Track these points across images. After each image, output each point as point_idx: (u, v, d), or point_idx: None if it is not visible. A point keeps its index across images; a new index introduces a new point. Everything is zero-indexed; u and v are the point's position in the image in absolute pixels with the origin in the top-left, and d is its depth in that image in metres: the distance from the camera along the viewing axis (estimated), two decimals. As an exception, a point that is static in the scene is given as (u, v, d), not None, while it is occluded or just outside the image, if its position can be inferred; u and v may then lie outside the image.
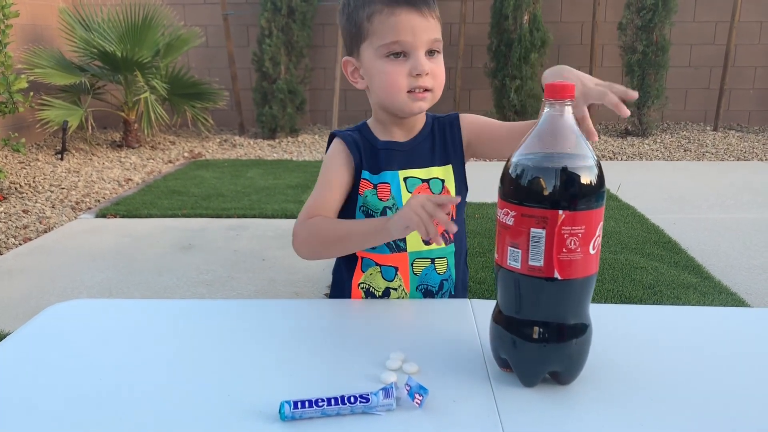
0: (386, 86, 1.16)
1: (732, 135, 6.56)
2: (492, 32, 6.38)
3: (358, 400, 0.73)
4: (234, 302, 1.14)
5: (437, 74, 1.17)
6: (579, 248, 0.74)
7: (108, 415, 0.75)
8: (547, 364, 0.80)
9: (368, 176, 1.20)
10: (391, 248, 1.20)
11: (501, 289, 0.82)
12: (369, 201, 1.20)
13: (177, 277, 3.02)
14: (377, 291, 1.21)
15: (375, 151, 1.22)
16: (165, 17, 6.08)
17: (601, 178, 0.76)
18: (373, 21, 1.14)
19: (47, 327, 1.02)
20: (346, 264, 1.24)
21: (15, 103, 4.38)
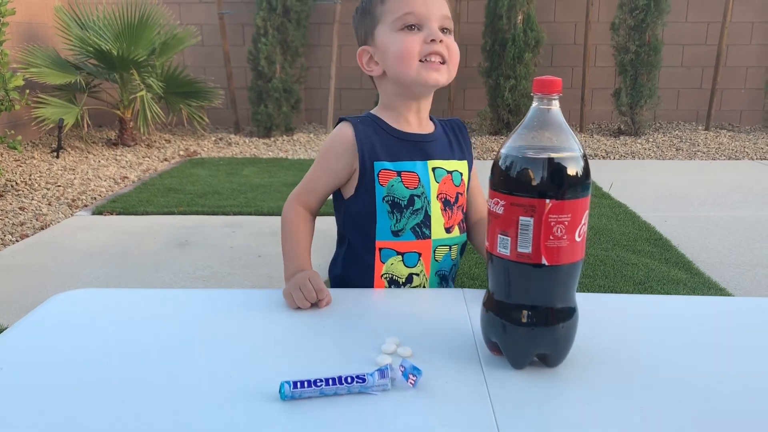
0: (400, 55, 1.19)
1: (723, 134, 6.62)
2: (486, 32, 6.43)
3: (355, 380, 0.77)
4: (236, 291, 1.17)
5: (451, 47, 1.21)
6: (565, 236, 0.78)
7: (114, 398, 0.78)
8: (535, 347, 0.83)
9: (389, 166, 1.22)
10: (417, 235, 1.23)
11: (491, 276, 0.85)
12: (395, 190, 1.22)
13: (173, 274, 3.05)
14: (400, 278, 1.25)
15: (392, 140, 1.24)
16: (161, 16, 6.10)
17: (586, 169, 0.79)
18: (386, 2, 1.20)
19: (53, 315, 1.05)
20: (361, 260, 1.26)
21: (11, 101, 4.40)
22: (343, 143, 1.23)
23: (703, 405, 0.77)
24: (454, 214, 1.27)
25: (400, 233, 1.23)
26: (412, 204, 1.22)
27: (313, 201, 1.28)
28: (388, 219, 1.22)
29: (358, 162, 1.22)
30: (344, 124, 1.26)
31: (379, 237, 1.23)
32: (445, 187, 1.25)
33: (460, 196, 1.28)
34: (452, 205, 1.26)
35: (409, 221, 1.23)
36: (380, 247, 1.24)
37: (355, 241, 1.28)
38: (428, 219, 1.23)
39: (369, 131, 1.24)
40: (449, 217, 1.26)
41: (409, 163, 1.23)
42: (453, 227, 1.27)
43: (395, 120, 1.26)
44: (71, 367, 0.86)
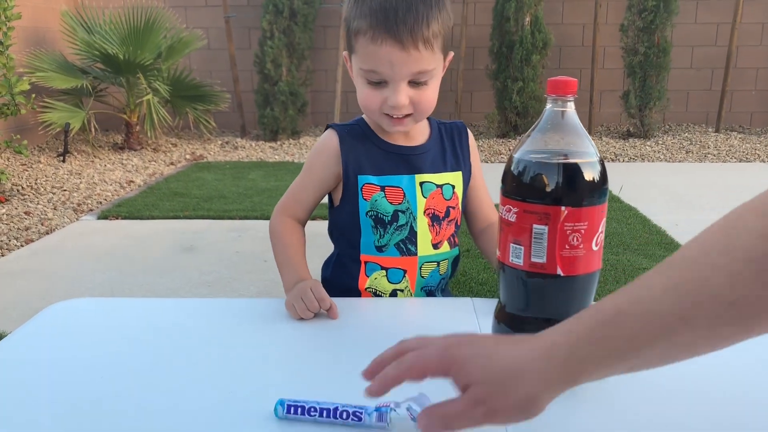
0: (363, 105, 1.15)
1: (734, 136, 6.55)
2: (493, 34, 6.39)
3: (351, 416, 0.72)
4: (234, 301, 1.14)
5: (419, 102, 1.12)
6: (582, 244, 0.74)
7: (107, 413, 0.75)
8: None
9: (373, 180, 1.18)
10: (402, 252, 1.19)
11: (504, 287, 0.81)
12: (378, 205, 1.18)
13: (179, 279, 3.02)
14: (384, 293, 1.21)
15: (379, 153, 1.20)
16: (167, 20, 6.09)
17: (603, 174, 0.76)
18: (358, 39, 1.09)
19: (48, 325, 1.02)
20: (347, 271, 1.23)
21: (17, 105, 4.39)
22: (328, 153, 1.20)
23: (726, 417, 0.72)
24: (443, 229, 1.22)
25: (384, 249, 1.19)
26: (396, 220, 1.18)
27: (300, 211, 1.25)
28: (372, 234, 1.19)
29: (342, 175, 1.19)
30: (330, 133, 1.22)
31: (363, 250, 1.20)
32: (433, 202, 1.20)
33: (452, 210, 1.22)
34: (441, 220, 1.21)
35: (393, 237, 1.19)
36: (365, 260, 1.21)
37: (342, 250, 1.26)
38: (414, 235, 1.19)
39: (355, 142, 1.20)
40: (437, 233, 1.21)
41: (394, 177, 1.18)
42: (441, 243, 1.22)
43: (382, 130, 1.21)
44: (63, 381, 0.82)
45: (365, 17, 1.07)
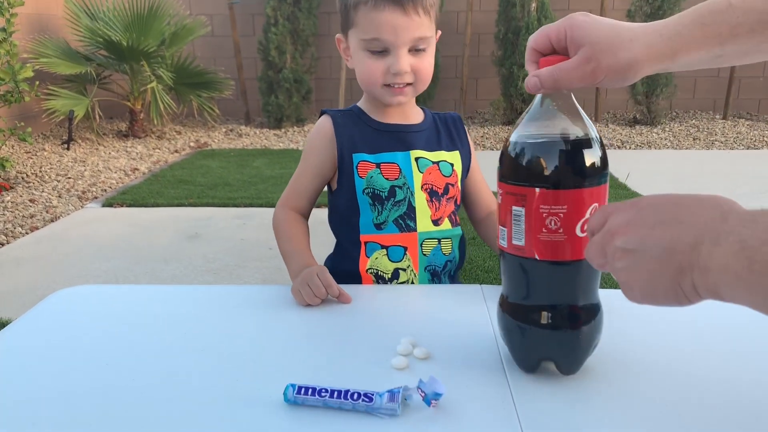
0: (364, 78, 1.17)
1: (742, 123, 6.50)
2: (499, 20, 6.33)
3: (362, 397, 0.71)
4: (239, 288, 1.13)
5: (420, 70, 1.15)
6: (561, 229, 0.71)
7: (112, 400, 0.74)
8: (536, 351, 0.77)
9: (368, 157, 1.19)
10: (401, 228, 1.19)
11: (501, 271, 0.80)
12: (375, 181, 1.18)
13: (184, 266, 3.01)
14: (386, 274, 1.20)
15: (372, 131, 1.21)
16: (170, 6, 6.06)
17: (586, 155, 0.71)
18: (358, 11, 1.14)
19: (51, 313, 1.01)
20: (348, 255, 1.22)
21: (21, 93, 4.37)
22: (323, 137, 1.22)
23: (736, 409, 0.71)
24: (443, 205, 1.22)
25: (383, 226, 1.19)
26: (393, 195, 1.18)
27: (302, 203, 1.26)
28: (370, 212, 1.19)
29: (336, 155, 1.20)
30: (324, 118, 1.24)
31: (363, 231, 1.20)
32: (430, 178, 1.20)
33: (451, 187, 1.23)
34: (440, 196, 1.21)
35: (392, 213, 1.19)
36: (365, 240, 1.20)
37: (342, 235, 1.26)
38: (412, 210, 1.19)
39: (348, 123, 1.22)
40: (437, 209, 1.21)
41: (388, 154, 1.19)
42: (442, 219, 1.22)
43: (377, 111, 1.23)
44: (67, 368, 0.81)
45: None
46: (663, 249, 0.54)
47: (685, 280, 0.53)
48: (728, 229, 0.50)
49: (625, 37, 0.68)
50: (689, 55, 0.68)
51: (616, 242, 0.58)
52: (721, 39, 0.67)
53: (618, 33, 0.69)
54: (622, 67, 0.69)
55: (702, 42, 0.67)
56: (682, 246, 0.53)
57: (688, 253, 0.52)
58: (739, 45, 0.67)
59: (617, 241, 0.58)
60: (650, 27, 0.69)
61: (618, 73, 0.69)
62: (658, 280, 0.55)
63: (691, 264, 0.52)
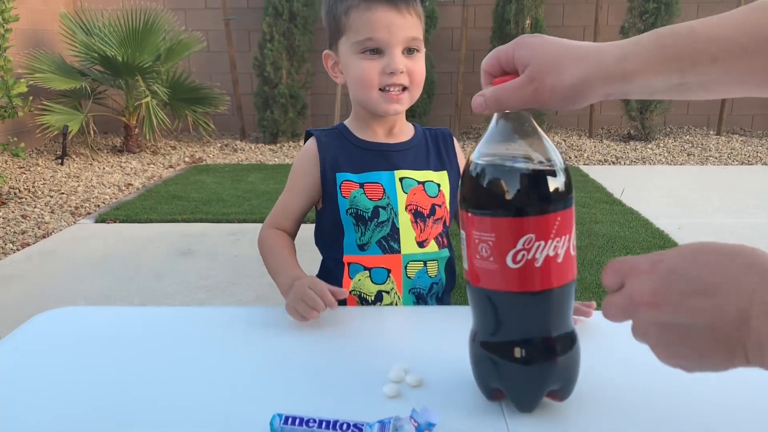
0: (359, 83, 1.15)
1: (735, 139, 6.52)
2: (494, 37, 6.35)
3: (351, 428, 0.68)
4: (228, 309, 1.10)
5: (414, 72, 1.14)
6: (491, 257, 0.67)
7: (92, 428, 0.71)
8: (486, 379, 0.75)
9: (351, 177, 1.17)
10: (384, 250, 1.17)
11: None
12: (358, 201, 1.16)
13: (176, 283, 2.98)
14: (369, 296, 1.17)
15: (356, 150, 1.19)
16: (166, 22, 6.06)
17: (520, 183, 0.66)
18: (349, 16, 1.13)
19: (34, 336, 0.98)
20: (331, 274, 1.20)
21: (14, 108, 4.36)
22: (307, 158, 1.21)
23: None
24: (429, 227, 1.19)
25: (366, 247, 1.17)
26: (377, 216, 1.16)
27: (288, 224, 1.23)
28: (354, 232, 1.17)
29: (320, 175, 1.18)
30: (310, 139, 1.23)
31: (346, 251, 1.18)
32: (415, 198, 1.18)
33: (438, 208, 1.19)
34: (425, 218, 1.18)
35: (375, 234, 1.16)
36: (348, 261, 1.18)
37: (327, 254, 1.24)
38: (396, 232, 1.16)
39: (333, 143, 1.20)
40: (422, 230, 1.18)
41: (372, 173, 1.17)
42: (427, 241, 1.19)
43: (362, 130, 1.22)
44: (48, 393, 0.79)
45: None
46: (705, 325, 0.51)
47: (737, 356, 0.50)
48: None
49: (572, 56, 0.65)
50: (645, 79, 0.63)
51: (643, 316, 0.54)
52: (682, 65, 0.63)
53: (565, 52, 0.65)
54: (568, 87, 0.64)
55: (660, 66, 0.63)
56: (728, 321, 0.49)
57: (736, 329, 0.49)
58: (700, 74, 0.63)
59: (645, 314, 0.54)
60: (604, 46, 0.65)
61: (563, 93, 0.65)
62: (708, 358, 0.52)
63: (742, 340, 0.49)
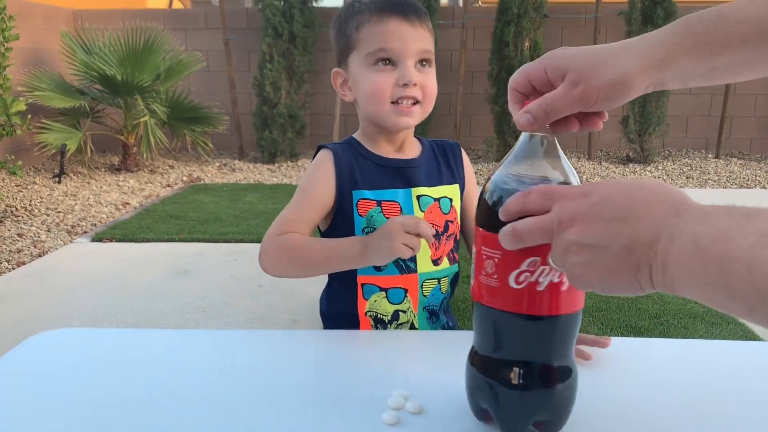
0: (371, 95, 1.12)
1: (734, 162, 6.53)
2: (492, 59, 6.38)
3: None
4: (225, 332, 1.08)
5: (427, 86, 1.12)
6: (495, 275, 0.67)
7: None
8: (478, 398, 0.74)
9: (368, 195, 1.14)
10: (401, 269, 1.14)
11: None
12: (375, 221, 1.13)
13: (172, 303, 2.95)
14: (385, 316, 1.15)
15: (372, 166, 1.16)
16: (166, 42, 6.09)
17: None
18: (361, 30, 1.12)
19: (28, 357, 0.96)
20: (342, 295, 1.18)
21: (13, 126, 4.35)
22: (325, 169, 1.15)
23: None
24: (443, 244, 1.17)
25: (383, 267, 1.13)
26: None
27: (301, 230, 1.13)
28: None
29: (335, 191, 1.14)
30: (324, 151, 1.17)
31: (360, 272, 1.14)
32: (431, 216, 1.16)
33: (450, 224, 1.18)
34: (440, 235, 1.16)
35: None
36: (362, 282, 1.15)
37: (334, 276, 1.20)
38: None
39: (349, 158, 1.16)
40: (437, 248, 1.16)
41: (390, 191, 1.14)
42: (441, 258, 1.17)
43: (374, 145, 1.19)
44: (40, 418, 0.76)
45: (367, 8, 1.12)
46: (622, 246, 0.54)
47: (642, 276, 0.54)
48: (683, 226, 0.52)
49: (609, 54, 0.66)
50: (679, 65, 0.65)
51: (569, 236, 0.57)
52: (713, 49, 0.64)
53: (599, 52, 0.66)
54: (614, 84, 0.65)
55: (694, 51, 0.64)
56: (641, 243, 0.53)
57: (646, 251, 0.53)
58: (731, 57, 0.65)
59: (571, 234, 0.57)
60: (634, 41, 0.66)
61: (611, 90, 0.65)
62: (617, 275, 0.55)
63: (649, 261, 0.53)
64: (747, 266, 0.46)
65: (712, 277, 0.48)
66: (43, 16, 6.42)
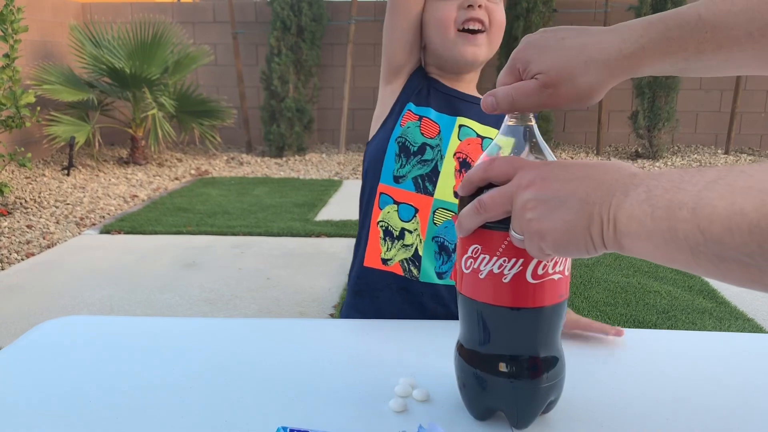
0: (437, 23, 1.11)
1: (744, 159, 6.50)
2: (501, 53, 6.35)
3: None
4: (234, 321, 1.08)
5: (494, 12, 1.11)
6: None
7: (92, 442, 0.69)
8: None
9: (413, 108, 1.14)
10: (418, 188, 1.13)
11: None
12: (409, 132, 1.13)
13: (180, 295, 2.97)
14: (395, 230, 1.14)
15: (429, 89, 1.16)
16: (175, 35, 6.10)
17: None
18: None
19: (37, 344, 0.96)
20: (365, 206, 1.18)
21: (22, 118, 4.37)
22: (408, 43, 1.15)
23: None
24: None
25: (401, 180, 1.13)
26: (422, 153, 1.12)
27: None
28: (394, 162, 1.13)
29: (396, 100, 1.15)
30: None
31: (382, 179, 1.14)
32: (468, 148, 1.13)
33: None
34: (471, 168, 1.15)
35: (414, 170, 1.13)
36: (381, 191, 1.14)
37: (365, 181, 1.20)
38: (436, 174, 1.12)
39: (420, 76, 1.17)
40: None
41: (434, 112, 1.14)
42: None
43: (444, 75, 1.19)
44: (49, 403, 0.77)
45: None
46: (578, 200, 0.55)
47: (594, 231, 0.55)
48: (637, 182, 0.53)
49: (579, 63, 0.65)
50: (654, 66, 0.66)
51: (526, 195, 0.58)
52: (687, 54, 0.64)
53: (569, 60, 0.65)
54: (581, 95, 0.66)
55: (668, 55, 0.64)
56: (595, 198, 0.54)
57: (600, 205, 0.54)
58: (704, 60, 0.65)
59: (528, 193, 0.58)
60: (609, 41, 0.65)
61: (577, 99, 0.66)
62: (571, 230, 0.56)
63: (601, 215, 0.54)
64: (692, 209, 0.47)
65: (658, 223, 0.49)
66: (53, 8, 6.43)
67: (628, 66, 0.64)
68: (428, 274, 1.13)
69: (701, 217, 0.46)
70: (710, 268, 0.47)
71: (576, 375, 0.81)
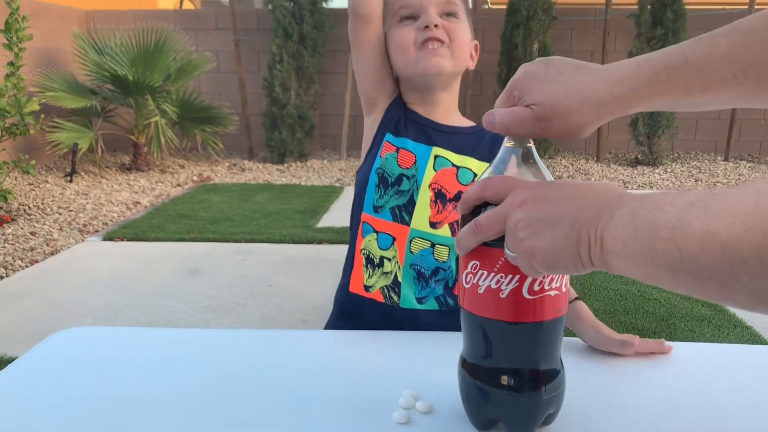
0: (398, 48, 1.15)
1: (743, 165, 6.52)
2: (502, 60, 6.40)
3: None
4: (237, 332, 1.10)
5: (454, 31, 1.13)
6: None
7: (107, 452, 0.72)
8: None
9: (391, 139, 1.18)
10: (395, 218, 1.16)
11: None
12: (388, 164, 1.16)
13: (183, 302, 2.99)
14: (375, 258, 1.17)
15: (406, 119, 1.19)
16: (177, 42, 6.13)
17: None
18: (388, 1, 1.16)
19: (47, 357, 0.99)
20: (352, 232, 1.22)
21: (26, 125, 4.40)
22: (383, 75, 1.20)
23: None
24: (447, 210, 1.17)
25: (380, 210, 1.17)
26: (399, 183, 1.16)
27: None
28: (374, 192, 1.17)
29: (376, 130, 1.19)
30: None
31: (365, 209, 1.18)
32: (442, 179, 1.16)
33: None
34: (446, 201, 1.16)
35: (391, 200, 1.16)
36: (363, 220, 1.18)
37: (353, 215, 1.24)
38: (412, 205, 1.16)
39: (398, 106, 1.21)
40: (438, 212, 1.16)
41: (411, 142, 1.17)
42: (441, 224, 1.16)
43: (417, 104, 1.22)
44: (63, 413, 0.79)
45: None
46: (568, 220, 0.58)
47: (583, 250, 0.57)
48: (623, 203, 0.55)
49: (573, 102, 0.67)
50: (641, 107, 0.68)
51: (518, 214, 0.61)
52: (675, 95, 0.67)
53: (566, 98, 0.68)
54: (572, 130, 0.69)
55: (657, 97, 0.67)
56: (584, 218, 0.57)
57: (588, 226, 0.56)
58: (692, 100, 0.68)
59: (520, 213, 0.61)
60: (602, 81, 0.67)
61: (568, 135, 0.70)
62: (561, 249, 0.58)
63: (589, 235, 0.56)
64: (671, 229, 0.49)
65: (640, 243, 0.51)
66: (57, 16, 6.48)
67: (617, 108, 0.67)
68: (408, 300, 1.16)
69: (679, 236, 0.49)
70: (689, 287, 0.50)
71: (576, 387, 0.83)
